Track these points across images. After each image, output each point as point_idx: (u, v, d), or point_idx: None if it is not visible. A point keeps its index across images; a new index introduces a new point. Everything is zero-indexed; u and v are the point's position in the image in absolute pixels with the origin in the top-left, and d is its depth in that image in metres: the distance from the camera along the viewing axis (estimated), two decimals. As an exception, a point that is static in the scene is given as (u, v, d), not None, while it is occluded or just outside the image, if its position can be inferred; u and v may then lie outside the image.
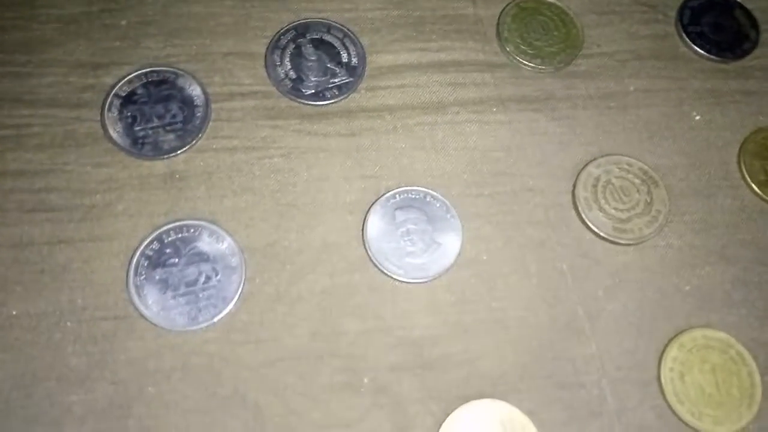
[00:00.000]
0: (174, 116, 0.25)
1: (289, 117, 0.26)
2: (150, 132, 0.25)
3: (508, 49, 0.27)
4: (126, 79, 0.25)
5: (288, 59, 0.26)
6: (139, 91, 0.25)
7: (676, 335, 0.23)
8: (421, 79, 0.27)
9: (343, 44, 0.26)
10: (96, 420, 0.21)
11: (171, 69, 0.26)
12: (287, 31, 0.26)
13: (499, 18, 0.28)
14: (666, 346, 0.23)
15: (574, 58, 0.28)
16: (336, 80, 0.26)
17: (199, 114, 0.25)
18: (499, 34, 0.28)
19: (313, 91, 0.25)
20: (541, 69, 0.27)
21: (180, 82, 0.26)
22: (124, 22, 0.27)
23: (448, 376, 0.22)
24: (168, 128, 0.25)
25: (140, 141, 0.24)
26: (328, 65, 0.26)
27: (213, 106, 0.25)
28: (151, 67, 0.26)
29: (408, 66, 0.27)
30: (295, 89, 0.25)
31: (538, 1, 0.29)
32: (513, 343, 0.23)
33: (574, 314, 0.23)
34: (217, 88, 0.26)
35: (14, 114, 0.25)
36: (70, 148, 0.24)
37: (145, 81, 0.25)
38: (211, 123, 0.25)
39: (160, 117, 0.25)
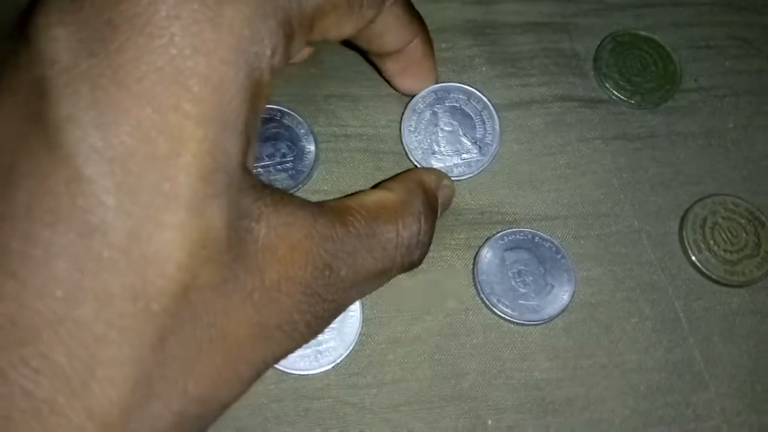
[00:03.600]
0: (284, 155, 0.25)
1: (394, 162, 0.26)
2: (261, 171, 0.25)
3: (607, 84, 0.27)
4: (234, 118, 0.26)
5: (423, 126, 0.25)
6: (248, 130, 0.25)
7: (793, 379, 0.23)
8: (519, 116, 0.27)
9: (481, 117, 0.26)
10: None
11: (277, 107, 0.26)
12: (426, 95, 0.26)
13: (596, 53, 0.28)
14: (783, 390, 0.23)
15: (672, 94, 0.28)
16: (467, 156, 0.25)
17: (309, 153, 0.25)
18: (597, 69, 0.28)
19: (443, 165, 0.25)
20: (640, 105, 0.27)
21: (287, 120, 0.26)
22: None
23: (571, 421, 0.22)
24: (279, 167, 0.25)
25: (252, 180, 0.25)
26: (462, 139, 0.25)
27: (321, 145, 0.25)
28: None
29: (507, 104, 0.27)
30: (425, 160, 0.25)
31: (635, 36, 0.28)
32: (633, 387, 0.23)
33: (691, 358, 0.23)
34: (324, 128, 0.26)
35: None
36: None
37: (252, 119, 0.26)
38: (321, 164, 0.25)
39: (270, 156, 0.25)
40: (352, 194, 0.21)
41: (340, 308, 0.19)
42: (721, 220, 0.25)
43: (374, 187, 0.23)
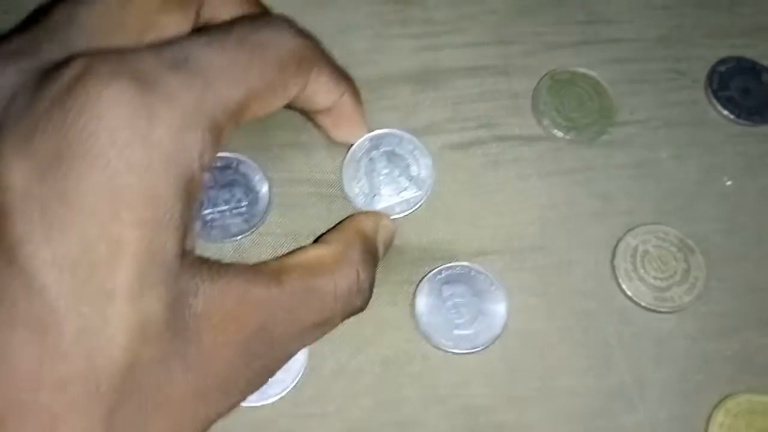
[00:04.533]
0: (239, 201, 0.27)
1: (341, 206, 0.27)
2: (218, 215, 0.27)
3: (544, 122, 0.29)
4: (193, 167, 0.28)
5: (363, 173, 0.27)
6: (206, 179, 0.28)
7: (721, 400, 0.24)
8: (459, 158, 0.28)
9: (414, 156, 0.28)
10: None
11: (234, 156, 0.28)
12: (363, 143, 0.27)
13: (534, 91, 0.30)
14: (712, 411, 0.24)
15: (608, 128, 0.29)
16: (405, 195, 0.27)
17: (262, 198, 0.27)
18: (534, 107, 0.29)
19: (385, 205, 0.27)
20: (577, 140, 0.29)
21: (242, 167, 0.28)
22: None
23: (505, 445, 0.24)
24: (234, 212, 0.27)
25: (209, 224, 0.27)
26: (399, 179, 0.27)
27: (274, 190, 0.27)
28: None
29: (448, 146, 0.29)
30: (367, 204, 0.27)
31: (572, 73, 0.30)
32: (565, 411, 0.24)
33: (622, 383, 0.25)
34: (277, 174, 0.28)
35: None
36: (146, 234, 0.27)
37: (212, 168, 0.28)
38: (274, 208, 0.27)
39: (226, 201, 0.27)
40: (291, 252, 0.23)
41: (280, 362, 0.21)
42: (652, 249, 0.27)
43: (315, 240, 0.25)
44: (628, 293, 0.26)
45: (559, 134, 0.29)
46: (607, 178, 0.28)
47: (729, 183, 0.28)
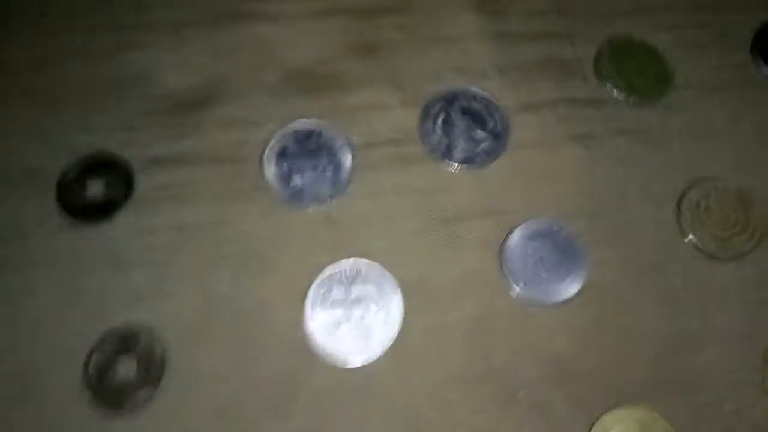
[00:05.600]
0: (324, 167, 0.28)
1: (421, 162, 0.29)
2: (306, 182, 0.28)
3: (607, 86, 0.31)
4: (277, 135, 0.28)
5: (439, 127, 0.29)
6: (291, 146, 0.28)
7: (779, 339, 0.27)
8: (531, 117, 0.30)
9: (488, 111, 0.29)
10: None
11: (315, 123, 0.29)
12: (438, 99, 0.29)
13: (595, 58, 0.31)
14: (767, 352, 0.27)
15: (666, 91, 0.31)
16: (483, 146, 0.29)
17: (347, 163, 0.28)
18: (597, 72, 0.31)
19: (463, 156, 0.28)
20: (638, 103, 0.30)
21: (325, 134, 0.29)
22: (266, 81, 0.30)
23: (591, 387, 0.26)
24: (321, 178, 0.28)
25: (298, 191, 0.28)
26: (475, 132, 0.29)
27: (358, 153, 0.28)
28: (296, 122, 0.29)
29: (518, 106, 0.30)
30: (447, 155, 0.28)
31: (629, 40, 0.32)
32: (643, 355, 0.26)
33: (689, 326, 0.27)
34: (358, 138, 0.29)
35: (181, 172, 0.28)
36: (238, 201, 0.28)
37: (294, 136, 0.29)
38: (358, 171, 0.28)
39: (312, 168, 0.28)
40: None
41: None
42: (713, 202, 0.29)
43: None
44: (693, 243, 0.28)
45: (622, 97, 0.30)
46: (667, 138, 0.30)
47: (780, 140, 0.31)
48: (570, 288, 0.27)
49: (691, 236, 0.28)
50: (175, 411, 0.24)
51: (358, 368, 0.26)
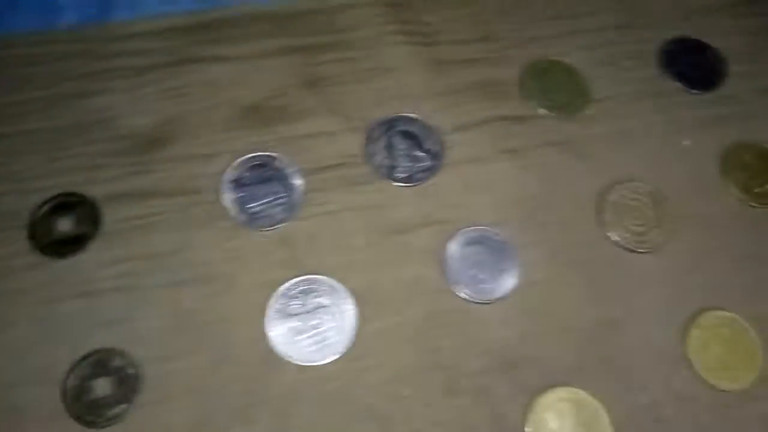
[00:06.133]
0: (277, 193, 0.31)
1: (366, 182, 0.32)
2: (261, 208, 0.30)
3: (532, 103, 0.34)
4: (232, 166, 0.31)
5: (383, 149, 0.32)
6: (245, 175, 0.31)
7: (694, 318, 0.30)
8: (467, 137, 0.33)
9: (426, 133, 0.32)
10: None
11: (267, 153, 0.31)
12: (379, 125, 0.32)
13: (519, 79, 0.35)
14: (688, 328, 0.30)
15: (584, 105, 0.34)
16: (422, 164, 0.32)
17: (298, 187, 0.31)
18: (522, 91, 0.34)
19: (406, 175, 0.32)
20: (560, 117, 0.34)
21: (277, 163, 0.31)
22: (219, 117, 0.32)
23: (528, 373, 0.29)
24: (275, 203, 0.31)
25: (254, 216, 0.30)
26: (415, 153, 0.32)
27: (308, 178, 0.31)
28: (250, 153, 0.31)
29: (457, 127, 0.33)
30: (390, 175, 0.31)
31: (549, 61, 0.35)
32: (575, 339, 0.29)
33: (613, 312, 0.30)
34: (307, 164, 0.32)
35: (144, 205, 0.30)
36: (199, 227, 0.30)
37: (248, 166, 0.31)
38: (309, 194, 0.31)
39: (266, 195, 0.31)
40: None
41: None
42: (630, 201, 0.32)
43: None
44: (613, 239, 0.31)
45: (545, 113, 0.34)
46: (589, 145, 0.33)
47: (686, 143, 0.34)
48: (505, 286, 0.30)
49: (611, 233, 0.31)
50: (150, 424, 0.27)
51: (316, 372, 0.28)
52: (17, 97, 0.32)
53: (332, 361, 0.28)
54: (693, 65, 0.36)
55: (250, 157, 0.31)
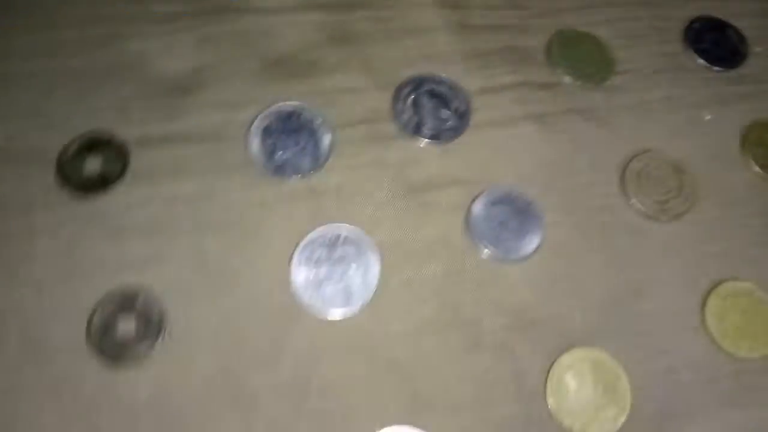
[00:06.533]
0: (305, 144, 0.31)
1: (393, 138, 0.32)
2: (289, 157, 0.31)
3: (558, 71, 0.34)
4: (261, 115, 0.31)
5: (409, 107, 0.32)
6: (274, 124, 0.31)
7: (713, 288, 0.30)
8: (491, 98, 0.33)
9: (453, 93, 0.33)
10: (284, 392, 0.27)
11: (296, 104, 0.31)
12: (407, 83, 0.33)
13: (547, 46, 0.35)
14: (706, 296, 0.30)
15: (609, 76, 0.35)
16: (449, 124, 0.32)
17: (326, 140, 0.31)
18: (549, 59, 0.35)
19: (431, 132, 0.32)
20: (585, 86, 0.34)
21: (305, 114, 0.31)
22: (250, 67, 0.33)
23: (549, 333, 0.29)
24: (302, 153, 0.31)
25: (281, 165, 0.30)
26: (442, 112, 0.32)
27: (336, 131, 0.31)
28: (277, 103, 0.32)
29: (483, 89, 0.33)
30: (417, 132, 0.32)
31: (577, 32, 0.35)
32: (595, 302, 0.30)
33: (634, 278, 0.30)
34: (335, 118, 0.32)
35: (172, 149, 0.30)
36: (225, 174, 0.30)
37: (276, 116, 0.31)
38: (336, 146, 0.31)
39: (294, 144, 0.31)
40: None
41: None
42: (653, 171, 0.32)
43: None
44: (636, 206, 0.32)
45: (571, 81, 0.34)
46: (612, 115, 0.34)
47: (708, 117, 0.34)
48: (528, 246, 0.30)
49: (634, 200, 0.32)
50: (172, 364, 0.27)
51: (340, 322, 0.28)
52: (51, 35, 0.32)
53: (356, 312, 0.28)
54: (716, 43, 0.36)
55: (278, 107, 0.31)
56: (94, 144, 0.30)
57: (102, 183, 0.29)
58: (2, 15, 0.32)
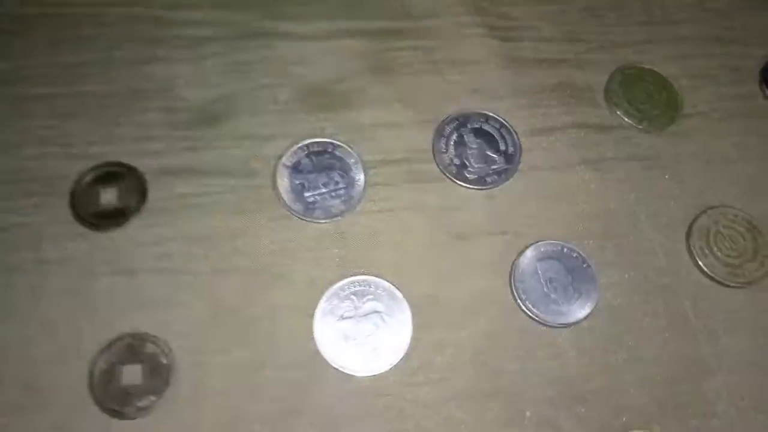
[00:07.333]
0: (337, 183, 0.28)
1: (433, 180, 0.29)
2: (318, 198, 0.28)
3: (618, 112, 0.31)
4: (291, 150, 0.29)
5: (452, 146, 0.29)
6: (304, 161, 0.29)
7: (791, 367, 0.27)
8: (542, 140, 0.30)
9: (500, 134, 0.30)
10: (297, 456, 0.24)
11: (329, 140, 0.29)
12: (451, 120, 0.30)
13: (606, 85, 0.32)
14: (783, 377, 0.26)
15: (675, 119, 0.31)
16: (495, 167, 0.29)
17: (359, 180, 0.28)
18: (608, 99, 0.31)
19: (476, 176, 0.29)
20: (647, 130, 0.31)
21: (338, 151, 0.29)
22: (282, 98, 0.30)
23: (598, 408, 0.25)
24: (333, 194, 0.28)
25: (310, 206, 0.28)
26: (488, 153, 0.29)
27: (371, 170, 0.29)
28: (309, 138, 0.29)
29: (531, 129, 0.31)
30: (459, 174, 0.29)
31: (640, 69, 0.32)
32: (651, 378, 0.26)
33: (700, 351, 0.27)
34: (371, 155, 0.29)
35: (194, 183, 0.28)
36: (249, 213, 0.28)
37: (307, 151, 0.29)
38: (370, 187, 0.29)
39: (325, 184, 0.28)
40: None
41: None
42: (723, 229, 0.29)
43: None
44: (704, 269, 0.28)
45: (632, 123, 0.31)
46: (677, 164, 0.30)
47: (788, 170, 0.31)
48: (580, 310, 0.27)
49: (701, 262, 0.28)
50: (177, 420, 0.24)
51: (365, 384, 0.25)
52: (75, 58, 0.30)
53: (382, 373, 0.25)
54: (797, 87, 0.33)
55: (311, 143, 0.29)
56: (110, 174, 0.28)
57: (117, 216, 0.27)
58: (24, 36, 0.30)
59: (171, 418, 0.24)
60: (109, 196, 0.28)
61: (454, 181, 0.29)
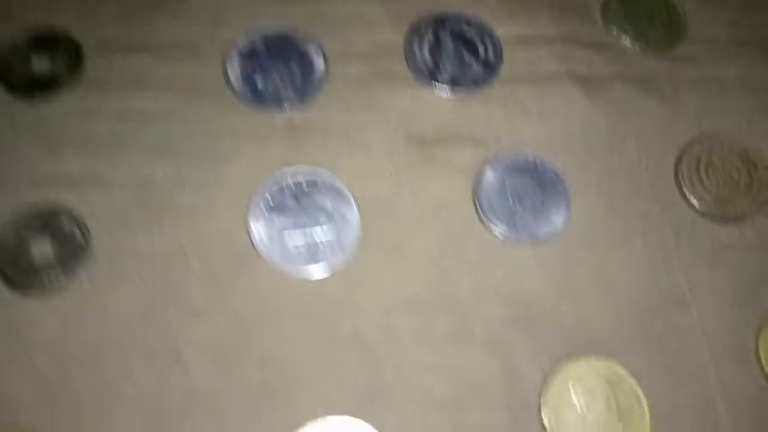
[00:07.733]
0: (293, 73, 0.26)
1: (403, 84, 0.26)
2: (270, 87, 0.25)
3: (614, 30, 0.28)
4: (247, 34, 0.26)
5: (427, 47, 0.26)
6: (259, 46, 0.26)
7: (774, 312, 0.24)
8: (526, 52, 0.28)
9: (482, 39, 0.27)
10: (215, 353, 0.22)
11: (289, 26, 0.26)
12: (429, 19, 0.27)
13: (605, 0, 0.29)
14: (764, 320, 0.24)
15: (676, 43, 0.28)
16: (472, 74, 0.26)
17: (318, 70, 0.26)
18: (605, 15, 0.29)
19: (449, 83, 0.26)
20: (645, 51, 0.28)
21: (298, 39, 0.26)
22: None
23: (557, 333, 0.23)
24: (288, 85, 0.25)
25: (260, 94, 0.25)
26: (465, 59, 0.26)
27: (333, 63, 0.26)
28: (269, 24, 0.27)
29: (515, 38, 0.28)
30: (431, 78, 0.26)
31: (643, -14, 0.30)
32: (619, 306, 0.24)
33: (677, 285, 0.24)
34: (335, 47, 0.27)
35: (135, 58, 0.26)
36: (192, 95, 0.25)
37: (264, 37, 0.26)
38: (331, 81, 0.26)
39: (279, 73, 0.26)
40: None
41: None
42: (716, 160, 0.26)
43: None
44: (690, 199, 0.25)
45: (628, 43, 0.28)
46: (673, 89, 0.27)
47: (792, 105, 0.28)
48: (548, 229, 0.24)
49: (688, 193, 0.25)
50: (86, 302, 0.22)
51: (300, 283, 0.23)
52: None
53: (321, 274, 0.23)
54: (815, 20, 0.30)
55: (268, 27, 0.26)
56: (45, 39, 0.25)
57: (48, 85, 0.24)
58: None
59: (78, 298, 0.22)
60: (42, 63, 0.25)
61: (425, 85, 0.26)
